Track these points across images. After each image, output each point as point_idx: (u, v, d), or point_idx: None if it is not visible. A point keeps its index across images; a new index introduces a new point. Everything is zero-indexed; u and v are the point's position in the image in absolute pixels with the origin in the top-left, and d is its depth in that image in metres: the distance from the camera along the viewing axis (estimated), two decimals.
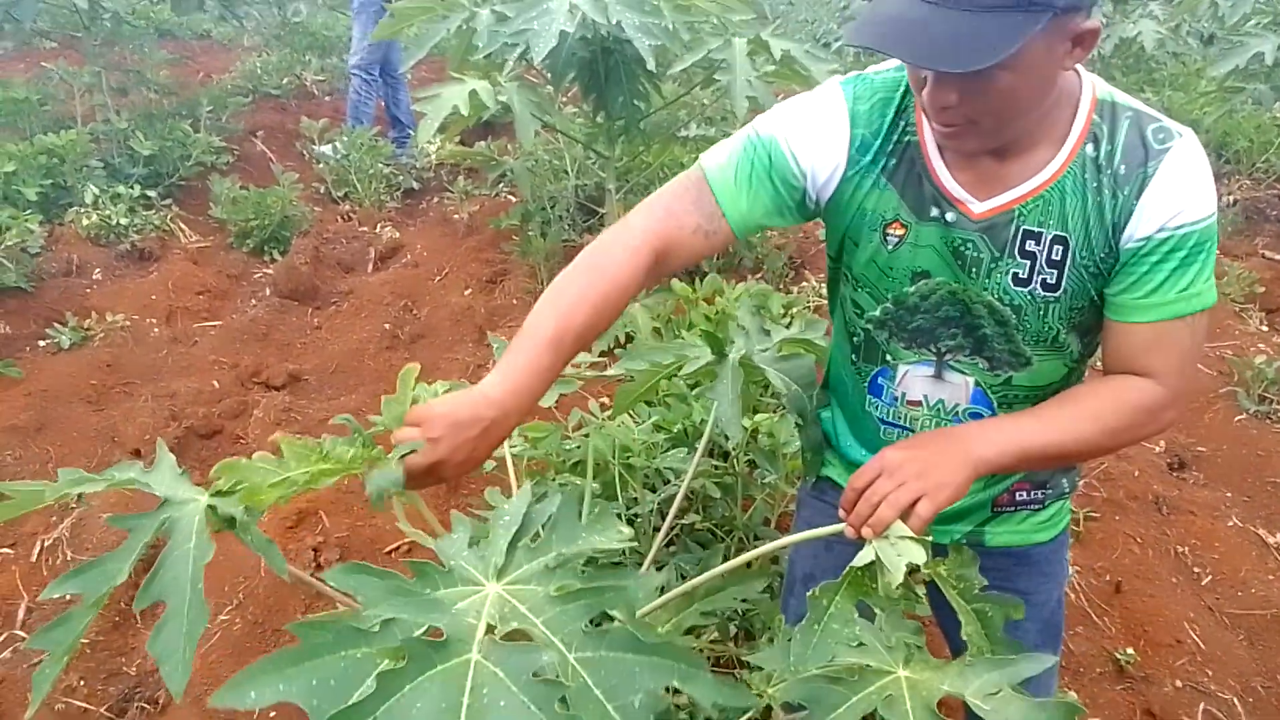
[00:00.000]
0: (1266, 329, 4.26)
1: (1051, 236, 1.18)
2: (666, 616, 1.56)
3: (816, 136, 1.24)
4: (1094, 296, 1.21)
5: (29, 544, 2.74)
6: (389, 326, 4.13)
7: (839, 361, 1.46)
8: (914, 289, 1.26)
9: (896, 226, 1.24)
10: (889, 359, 1.34)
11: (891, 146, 1.23)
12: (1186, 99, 6.39)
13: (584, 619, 0.84)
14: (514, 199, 5.37)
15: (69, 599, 0.94)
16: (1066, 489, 1.46)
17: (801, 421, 1.51)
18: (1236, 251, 4.96)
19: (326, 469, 1.05)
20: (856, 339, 1.37)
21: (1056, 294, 1.20)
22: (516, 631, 0.84)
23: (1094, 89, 1.18)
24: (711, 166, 1.28)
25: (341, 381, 3.81)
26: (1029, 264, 1.19)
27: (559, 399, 2.54)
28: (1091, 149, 1.16)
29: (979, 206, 1.20)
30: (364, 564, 0.88)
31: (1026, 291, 1.21)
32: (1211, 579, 2.77)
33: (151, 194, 5.10)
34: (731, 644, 2.18)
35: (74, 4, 5.33)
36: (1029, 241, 1.19)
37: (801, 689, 0.95)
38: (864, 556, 1.08)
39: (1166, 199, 1.12)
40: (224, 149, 5.78)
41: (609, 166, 4.03)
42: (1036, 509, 1.44)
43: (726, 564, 1.30)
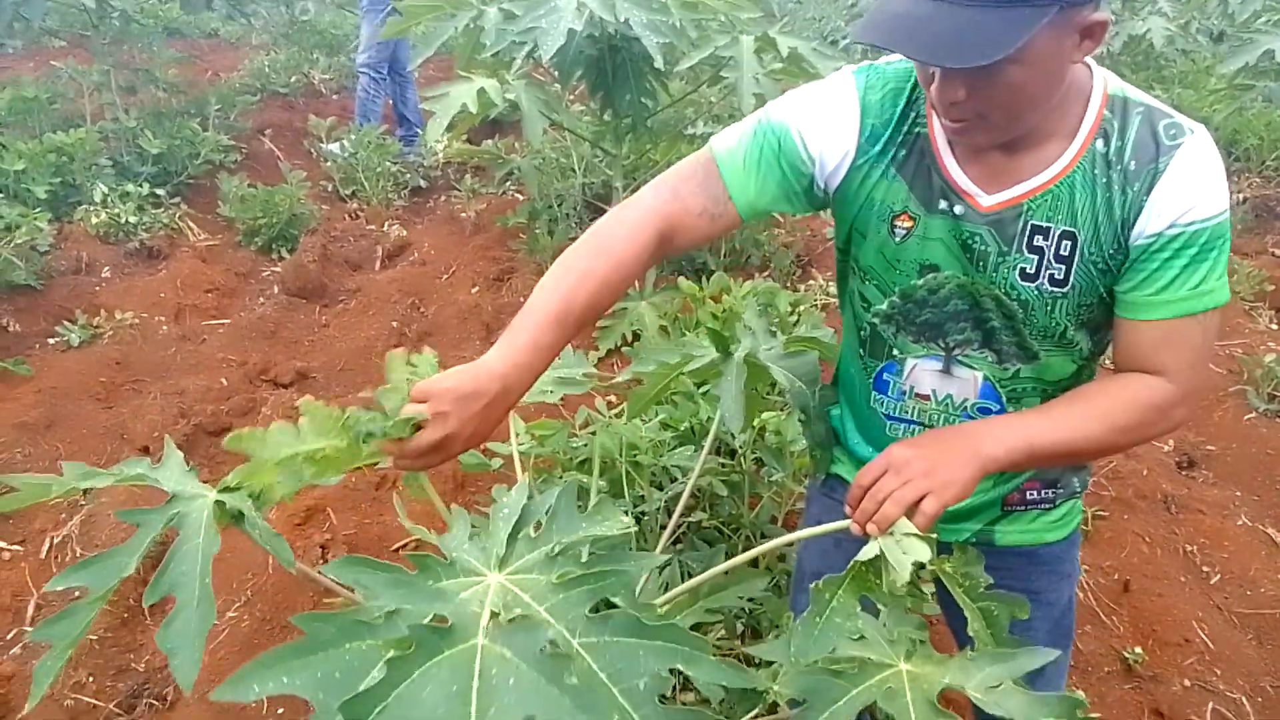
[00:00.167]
0: (1276, 327, 4.24)
1: (1060, 232, 1.17)
2: (672, 613, 1.56)
3: (827, 124, 1.24)
4: (1103, 293, 1.20)
5: (38, 541, 2.76)
6: (396, 324, 4.14)
7: (848, 357, 1.46)
8: (922, 282, 1.26)
9: (905, 218, 1.24)
10: (896, 353, 1.34)
11: (901, 137, 1.23)
12: (1196, 96, 6.37)
13: (586, 605, 0.85)
14: (521, 197, 5.38)
15: (76, 594, 0.94)
16: (1077, 488, 1.45)
17: (805, 418, 1.51)
18: (1246, 249, 4.94)
19: (338, 456, 1.03)
20: (864, 333, 1.37)
21: (1064, 289, 1.19)
22: (520, 618, 0.85)
23: (1105, 84, 1.17)
24: (721, 149, 1.28)
25: (349, 379, 3.82)
26: (1037, 259, 1.19)
27: (564, 397, 2.55)
28: (1102, 144, 1.15)
29: (987, 200, 1.19)
30: (365, 557, 0.88)
31: (1034, 286, 1.20)
32: (1220, 578, 2.76)
33: (160, 192, 5.11)
34: (738, 641, 2.18)
35: (82, 3, 5.35)
36: (1037, 236, 1.18)
37: (801, 681, 0.95)
38: (868, 551, 1.07)
39: (1177, 195, 1.11)
40: (232, 147, 5.79)
41: (616, 164, 4.03)
42: (1047, 508, 1.43)
43: (731, 561, 1.29)
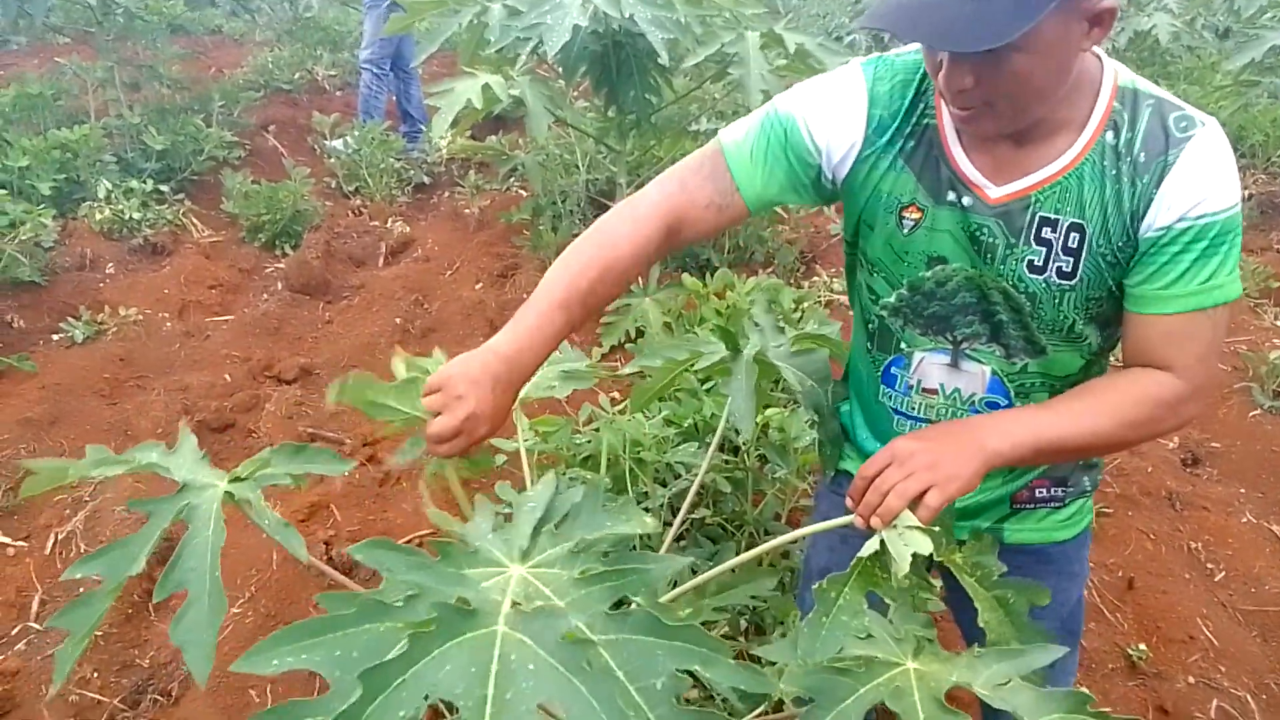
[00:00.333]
0: None
1: (1068, 224, 1.16)
2: (678, 611, 1.55)
3: (833, 114, 1.24)
4: (1112, 287, 1.19)
5: (43, 536, 2.76)
6: (400, 321, 4.14)
7: (857, 351, 1.46)
8: (930, 274, 1.25)
9: (913, 210, 1.23)
10: (904, 347, 1.33)
11: (910, 128, 1.23)
12: (1202, 93, 6.34)
13: (607, 602, 0.85)
14: (525, 193, 5.37)
15: (81, 590, 0.94)
16: (1088, 487, 1.43)
17: (818, 418, 1.51)
18: (1252, 246, 4.92)
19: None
20: (872, 326, 1.36)
21: (1072, 282, 1.18)
22: (540, 608, 0.85)
23: (1116, 76, 1.16)
24: (729, 141, 1.28)
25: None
26: (1045, 251, 1.18)
27: (570, 393, 2.54)
28: (1111, 136, 1.14)
29: (995, 191, 1.19)
30: (389, 540, 0.89)
31: (1042, 279, 1.19)
32: (1225, 575, 2.76)
33: (164, 188, 5.12)
34: (742, 639, 2.18)
35: (87, 0, 5.35)
36: (1045, 228, 1.17)
37: (808, 680, 0.95)
38: (871, 546, 1.07)
39: (1187, 188, 1.10)
40: (236, 144, 5.79)
41: (620, 161, 4.03)
42: (1057, 507, 1.42)
43: (738, 559, 1.29)
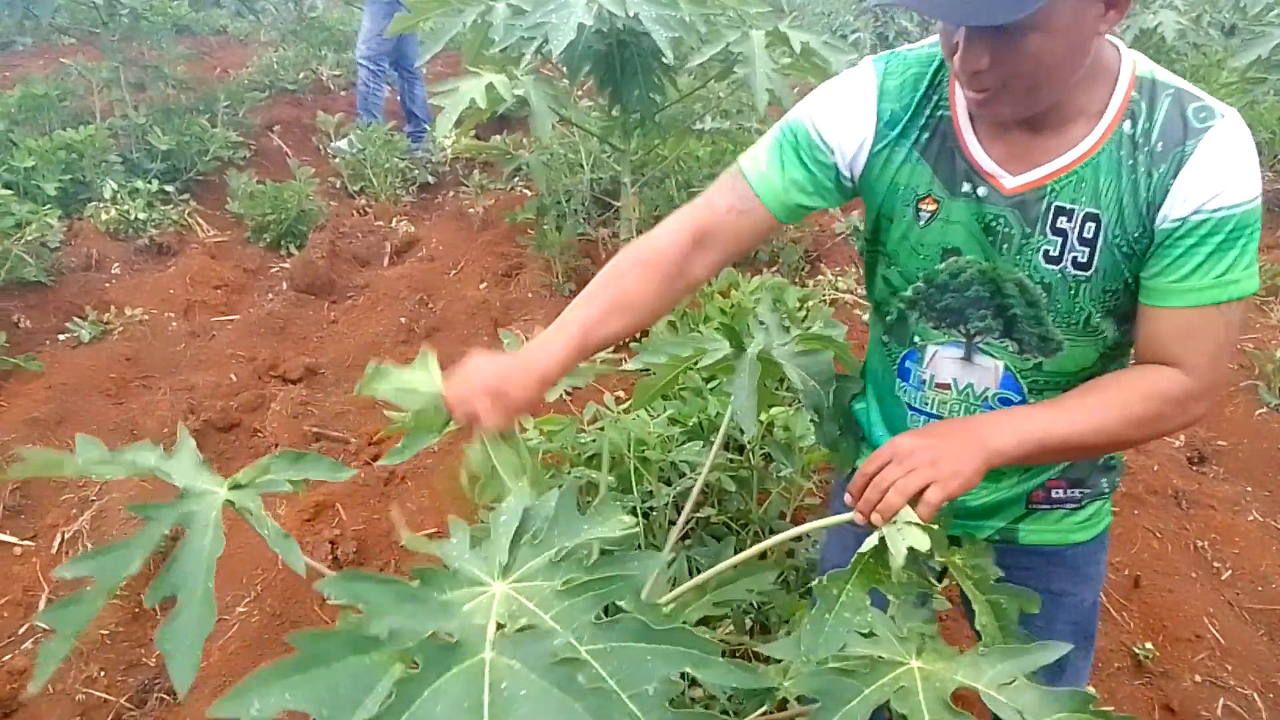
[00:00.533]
0: None
1: (1084, 214, 1.15)
2: (679, 608, 1.55)
3: (842, 111, 1.25)
4: (1129, 279, 1.17)
5: (49, 536, 2.77)
6: (405, 320, 4.14)
7: (873, 345, 1.46)
8: (944, 266, 1.25)
9: (929, 201, 1.23)
10: (917, 340, 1.33)
11: (924, 120, 1.23)
12: (1208, 90, 6.29)
13: (593, 611, 0.83)
14: (529, 193, 5.38)
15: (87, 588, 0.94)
16: (1106, 489, 1.41)
17: (818, 419, 1.50)
18: (1259, 243, 4.90)
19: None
20: (889, 318, 1.36)
21: (1088, 273, 1.17)
22: (526, 628, 0.83)
23: (1134, 65, 1.15)
24: (745, 158, 1.33)
25: (358, 375, 3.77)
26: (1060, 241, 1.17)
27: (573, 391, 2.54)
28: (1129, 126, 1.13)
29: (1011, 181, 1.18)
30: (363, 572, 0.85)
31: (1057, 270, 1.18)
32: (1231, 573, 2.75)
33: (169, 189, 5.13)
34: (747, 637, 2.18)
35: (92, 0, 5.37)
36: (1061, 218, 1.16)
37: (813, 681, 0.94)
38: (870, 542, 1.07)
39: (1204, 180, 1.09)
40: (241, 144, 5.80)
41: (624, 160, 4.03)
42: (1073, 508, 1.40)
43: (739, 555, 1.29)
